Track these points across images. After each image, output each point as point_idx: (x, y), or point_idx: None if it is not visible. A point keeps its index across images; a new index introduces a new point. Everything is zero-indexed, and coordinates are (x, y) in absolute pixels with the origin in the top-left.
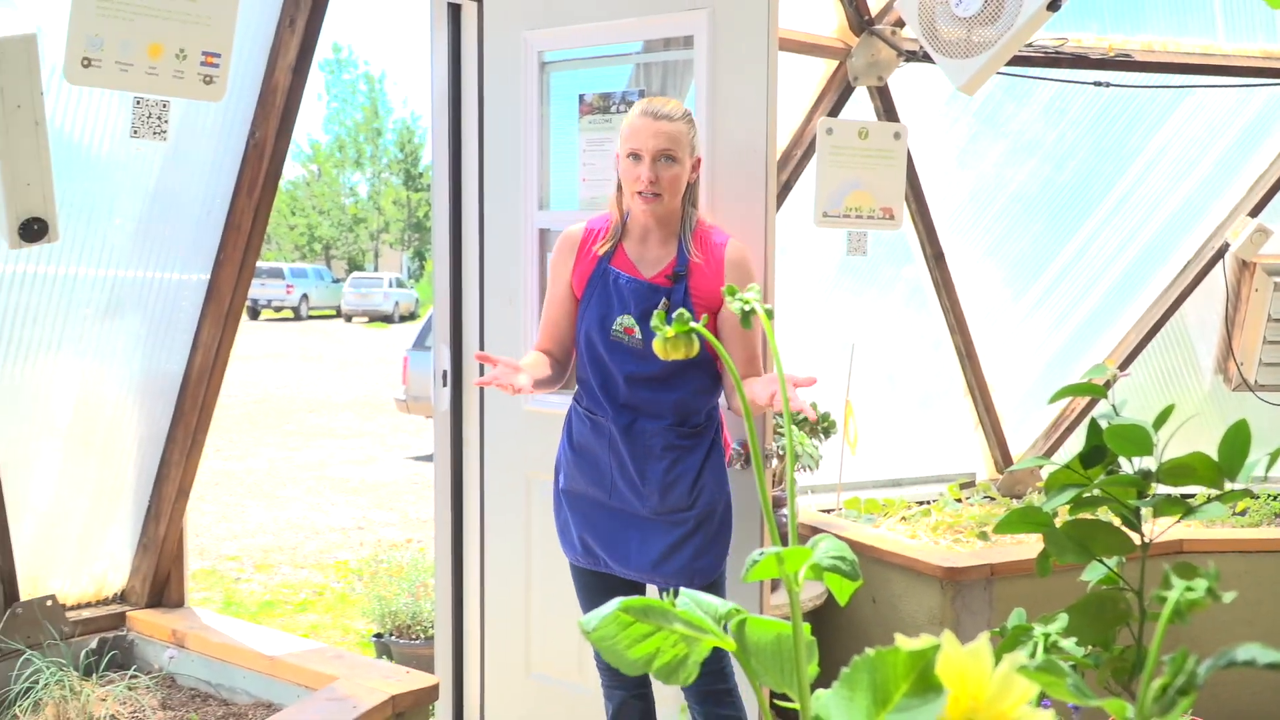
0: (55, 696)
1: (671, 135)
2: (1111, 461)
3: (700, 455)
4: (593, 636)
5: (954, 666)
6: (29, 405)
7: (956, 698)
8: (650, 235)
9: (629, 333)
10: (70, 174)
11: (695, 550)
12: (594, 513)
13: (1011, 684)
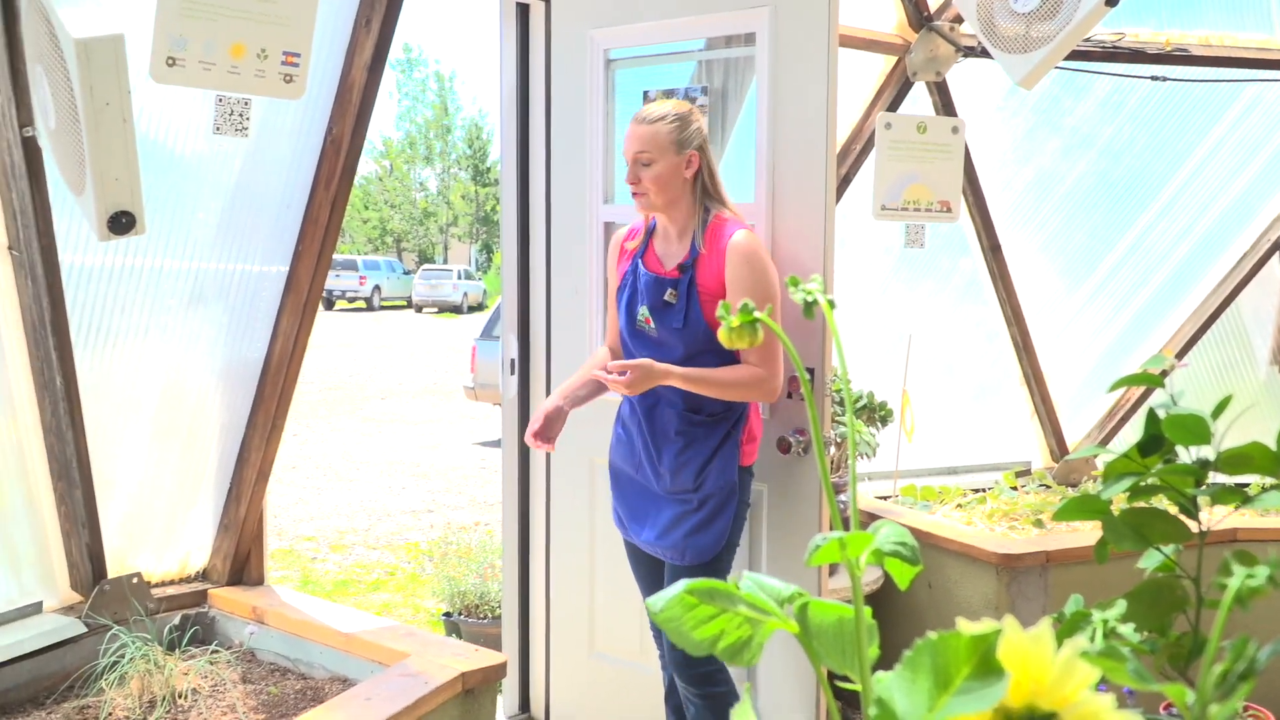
0: (140, 670)
1: (645, 137)
2: (1169, 451)
3: (714, 442)
4: (659, 618)
5: (1015, 651)
6: (118, 391)
7: (1018, 681)
8: (669, 232)
9: (647, 323)
10: (156, 170)
11: (692, 527)
12: (626, 486)
13: (1073, 669)
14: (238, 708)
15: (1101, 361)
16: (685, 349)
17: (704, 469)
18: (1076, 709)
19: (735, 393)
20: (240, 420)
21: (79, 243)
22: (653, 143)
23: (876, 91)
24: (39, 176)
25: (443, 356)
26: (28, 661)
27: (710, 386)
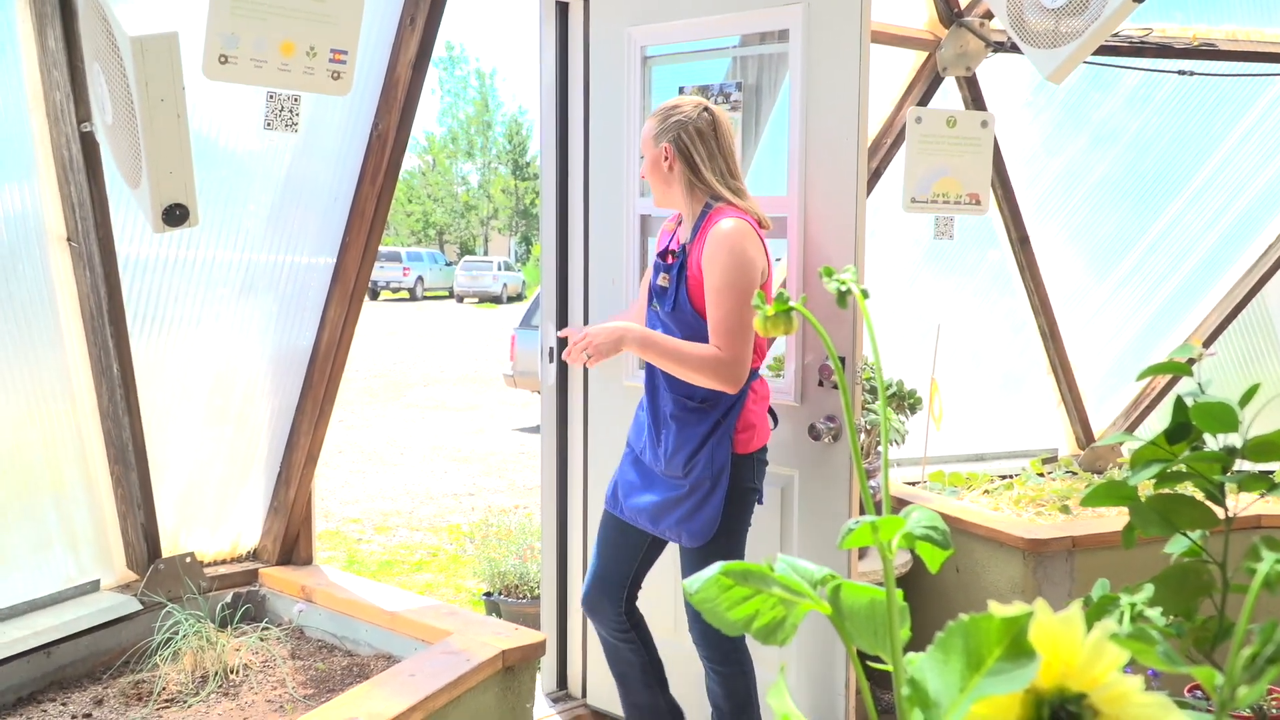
0: (193, 646)
1: (641, 135)
2: (1196, 438)
3: (704, 429)
4: (695, 598)
5: (1046, 633)
6: (172, 378)
7: (1048, 663)
8: (686, 221)
9: (655, 307)
10: (209, 164)
11: (685, 513)
12: (633, 464)
13: (1102, 651)
14: (287, 683)
15: (1127, 351)
16: (679, 332)
17: (693, 456)
18: (1106, 690)
19: (692, 370)
20: (289, 406)
21: (135, 234)
22: (643, 139)
23: (907, 86)
24: (96, 170)
25: (483, 345)
26: (85, 637)
27: (667, 357)
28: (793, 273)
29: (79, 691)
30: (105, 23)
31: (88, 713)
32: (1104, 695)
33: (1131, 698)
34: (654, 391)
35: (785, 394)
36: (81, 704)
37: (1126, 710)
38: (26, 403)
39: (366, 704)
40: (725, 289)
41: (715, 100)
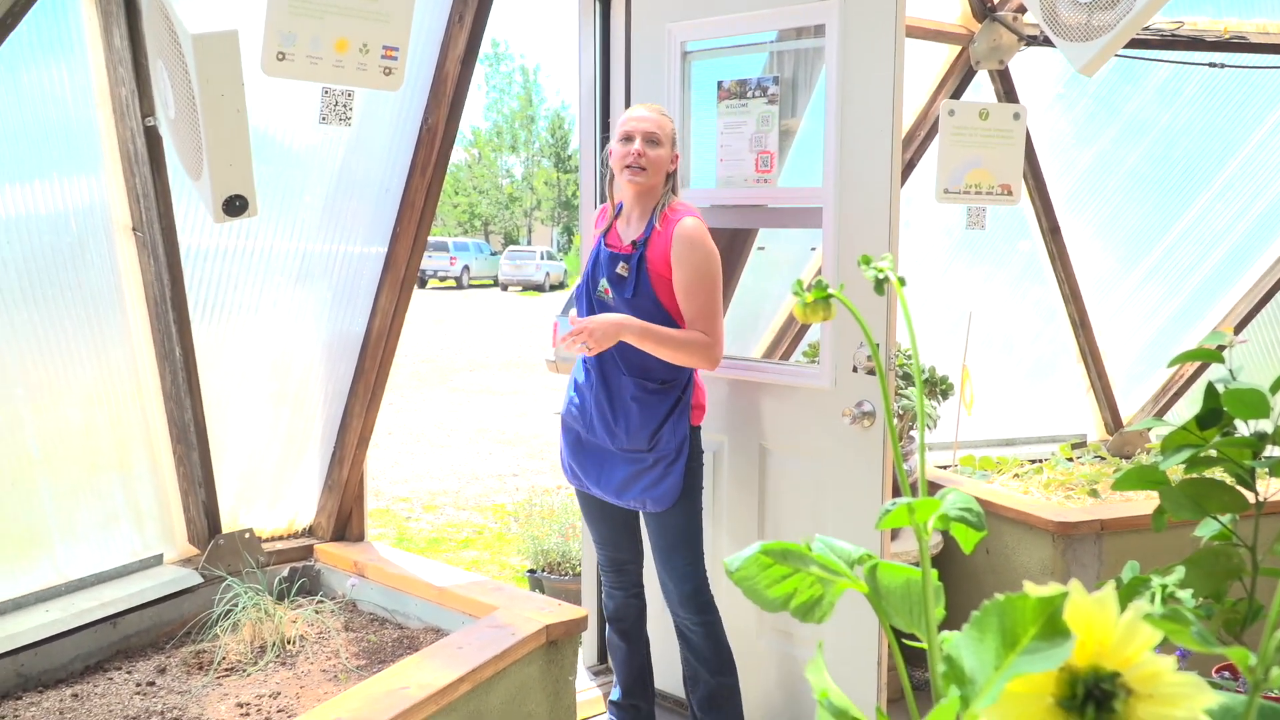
0: (252, 618)
1: (659, 123)
2: (1228, 424)
3: (666, 407)
4: (735, 576)
5: (1081, 613)
6: (232, 362)
7: (1082, 642)
8: (633, 212)
9: (605, 293)
10: (266, 157)
11: (650, 481)
12: (578, 443)
13: (1136, 631)
14: (340, 654)
15: (1155, 339)
16: (636, 314)
17: (658, 431)
18: (1139, 669)
19: (682, 353)
20: (343, 389)
21: (196, 225)
22: (662, 130)
23: (940, 79)
24: (160, 163)
25: (526, 332)
26: (149, 609)
27: (663, 344)
28: (828, 262)
29: (143, 660)
30: (168, 21)
31: (151, 681)
32: (1137, 674)
33: (1164, 677)
34: (606, 377)
35: (819, 379)
36: (146, 672)
37: (1159, 689)
38: (95, 385)
39: (417, 675)
40: (701, 280)
41: (752, 94)
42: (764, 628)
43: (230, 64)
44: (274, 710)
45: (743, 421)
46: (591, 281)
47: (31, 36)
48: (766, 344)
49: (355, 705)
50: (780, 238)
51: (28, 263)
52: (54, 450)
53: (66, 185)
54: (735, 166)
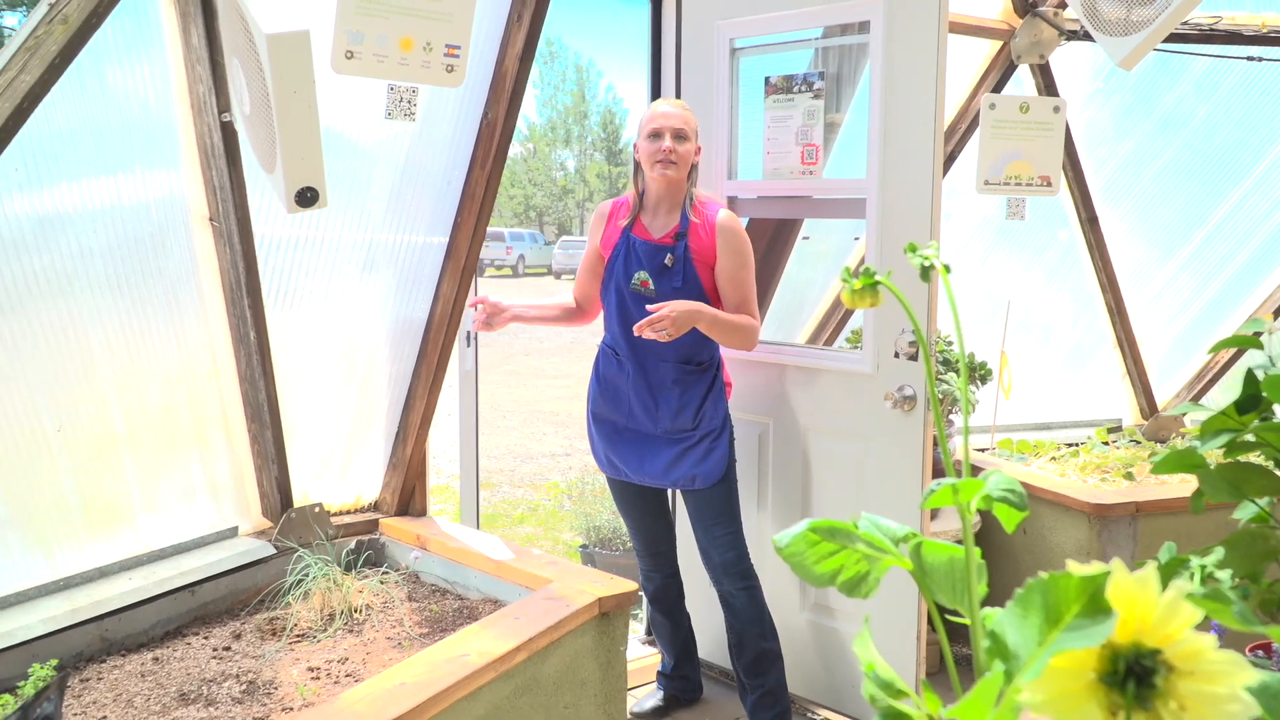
0: (321, 587)
1: (685, 118)
2: (1266, 409)
3: (704, 388)
4: (784, 553)
5: (1123, 591)
6: (302, 346)
7: (1124, 620)
8: (660, 206)
9: (644, 285)
10: (335, 151)
11: (697, 458)
12: (615, 433)
13: (1177, 609)
14: (404, 622)
15: (1190, 327)
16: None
17: (700, 409)
18: (1180, 646)
19: (738, 337)
20: (406, 372)
21: (270, 215)
22: (689, 125)
23: (982, 73)
24: (236, 156)
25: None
26: (226, 578)
27: (726, 329)
28: (871, 251)
29: (220, 626)
30: (244, 21)
31: (228, 646)
32: (1178, 652)
33: (1205, 654)
34: (643, 365)
35: (862, 364)
36: (222, 638)
37: (1201, 666)
38: (175, 366)
39: (476, 643)
40: (745, 267)
41: (799, 89)
42: (806, 602)
43: (302, 62)
44: (342, 674)
45: (787, 405)
46: (624, 275)
47: (115, 37)
48: (810, 330)
49: (419, 671)
50: (824, 228)
51: (112, 251)
52: (137, 428)
53: (148, 178)
54: (781, 159)
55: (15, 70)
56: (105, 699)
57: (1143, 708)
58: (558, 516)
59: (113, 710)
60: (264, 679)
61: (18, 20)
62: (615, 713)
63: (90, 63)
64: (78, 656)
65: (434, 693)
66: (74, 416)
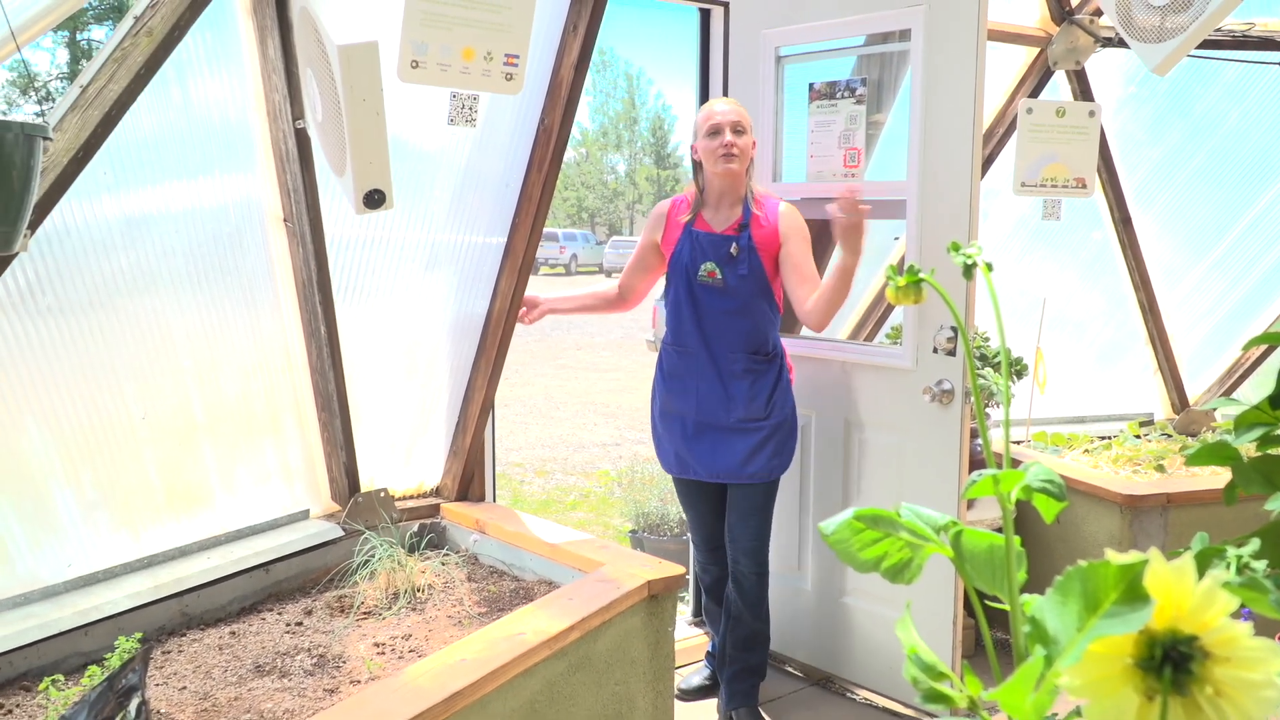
0: (386, 567)
1: (737, 113)
2: None
3: (773, 377)
4: (830, 540)
5: (1160, 579)
6: (369, 339)
7: (1161, 607)
8: (723, 201)
9: (711, 276)
10: (401, 156)
11: (771, 452)
12: (686, 429)
13: (1214, 597)
14: (464, 602)
15: (1221, 325)
16: (747, 292)
17: (771, 397)
18: (1216, 634)
19: (838, 299)
20: (466, 364)
21: (340, 217)
22: (744, 119)
23: (1019, 79)
24: (308, 161)
25: (628, 315)
26: (297, 558)
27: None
28: (911, 250)
29: (292, 603)
30: (317, 34)
31: (299, 621)
32: (1214, 639)
33: (1241, 641)
34: (716, 357)
35: (902, 359)
36: (294, 614)
37: (1236, 653)
38: (250, 359)
39: (532, 622)
40: (810, 248)
41: (842, 95)
42: (846, 587)
43: (371, 71)
44: (406, 650)
45: (830, 398)
46: (692, 266)
47: (196, 49)
48: (851, 327)
49: (478, 648)
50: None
51: (193, 250)
52: (215, 416)
53: (226, 181)
54: (825, 162)
55: (104, 80)
56: (185, 670)
57: (1179, 692)
58: (608, 503)
59: (192, 681)
60: (333, 653)
61: (105, 33)
62: (663, 690)
63: (173, 73)
64: (160, 630)
65: (492, 668)
66: (158, 405)
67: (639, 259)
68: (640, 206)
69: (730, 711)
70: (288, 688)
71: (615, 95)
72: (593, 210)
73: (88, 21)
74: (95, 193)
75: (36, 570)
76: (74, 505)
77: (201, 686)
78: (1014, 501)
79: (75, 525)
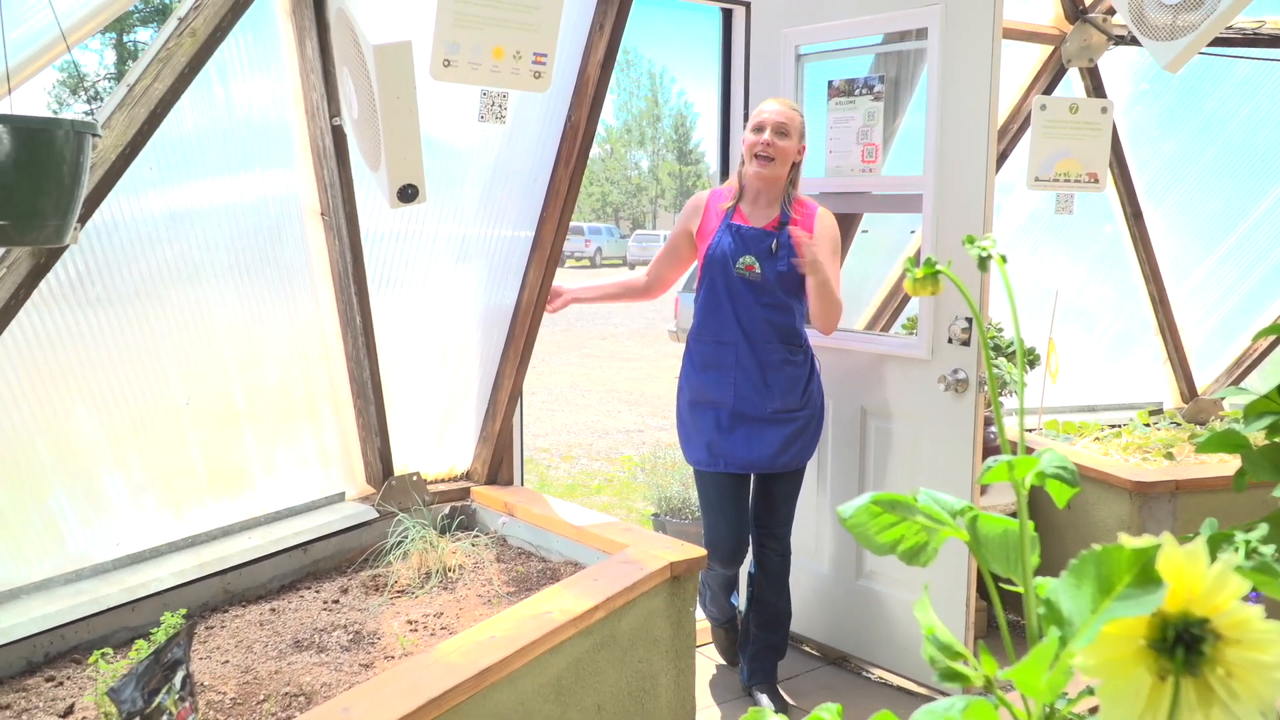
0: (419, 548)
1: (789, 115)
2: None
3: (807, 369)
4: (848, 523)
5: (1173, 563)
6: (402, 329)
7: (1174, 590)
8: (760, 198)
9: (749, 269)
10: (433, 152)
11: (810, 437)
12: (717, 424)
13: (1225, 581)
14: (493, 581)
15: (1229, 317)
16: (784, 288)
17: (807, 387)
18: (1228, 616)
19: (834, 311)
20: (495, 354)
21: (375, 210)
22: (792, 123)
23: (1034, 76)
24: (344, 156)
25: (651, 306)
26: (334, 539)
27: (829, 295)
28: (927, 243)
29: (329, 582)
30: (353, 34)
31: (336, 599)
32: (1226, 621)
33: (1252, 624)
34: (755, 349)
35: (917, 349)
36: (331, 592)
37: (1247, 635)
38: (289, 347)
39: (559, 601)
40: (835, 255)
41: (860, 92)
42: (861, 570)
43: (405, 70)
44: (437, 627)
45: (847, 387)
46: (731, 258)
47: (237, 49)
48: (868, 318)
49: (507, 626)
50: (882, 221)
51: (234, 243)
52: (256, 403)
53: (266, 177)
54: (843, 158)
55: (149, 79)
56: (228, 645)
57: (1191, 673)
58: (631, 487)
59: (234, 655)
60: (368, 629)
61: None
62: (684, 667)
63: (215, 72)
64: (204, 606)
65: (520, 645)
66: (201, 391)
67: (671, 248)
68: (663, 201)
69: (750, 686)
70: (325, 662)
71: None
72: (617, 205)
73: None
74: (141, 188)
75: (87, 549)
76: (122, 487)
77: (243, 660)
78: (1028, 487)
79: (123, 506)
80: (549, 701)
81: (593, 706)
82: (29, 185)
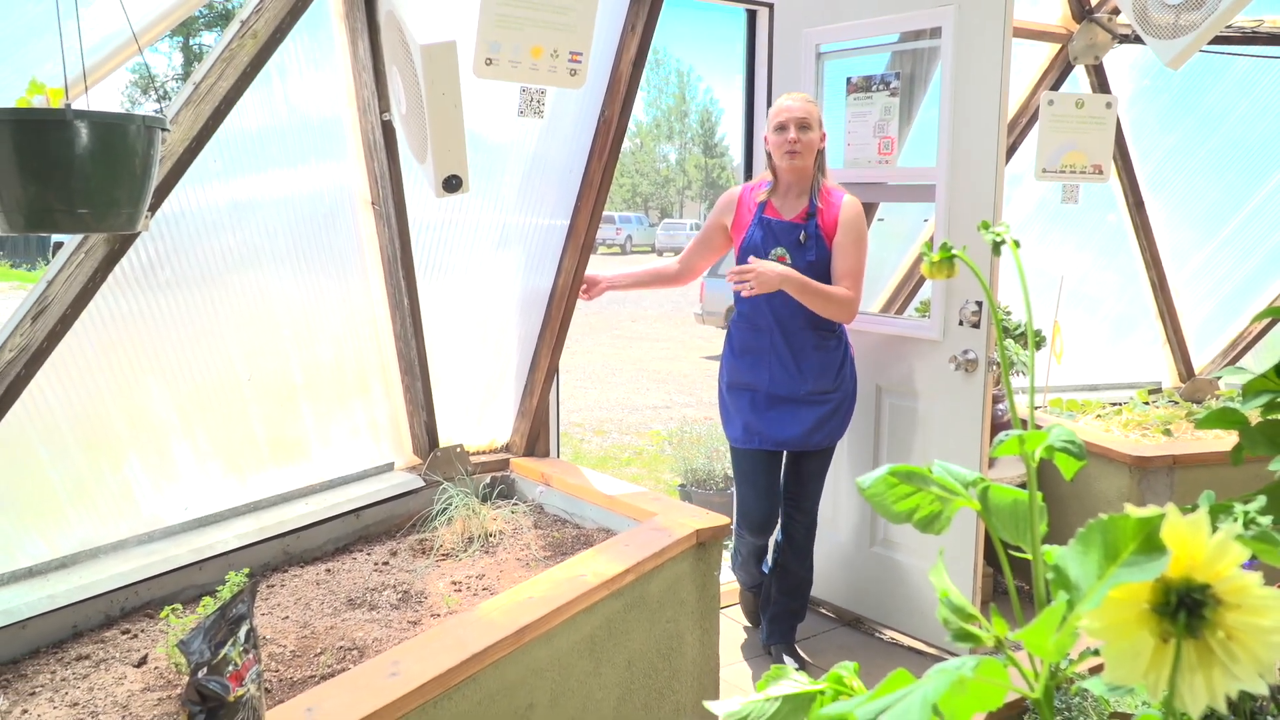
0: (462, 515)
1: (808, 109)
2: None
3: (840, 353)
4: (867, 493)
5: (1176, 532)
6: (446, 311)
7: (1176, 558)
8: (791, 191)
9: (781, 260)
10: (476, 145)
11: (837, 423)
12: (752, 404)
13: (1225, 549)
14: (531, 546)
15: (1226, 301)
16: (814, 277)
17: (839, 371)
18: (1228, 582)
19: (831, 306)
20: (533, 334)
21: (421, 200)
22: (811, 115)
23: (1042, 73)
24: (393, 149)
25: (678, 290)
26: (383, 505)
27: (816, 296)
28: (939, 231)
29: (379, 545)
30: (401, 35)
31: (386, 561)
32: (1226, 587)
33: (1251, 590)
34: (788, 334)
35: (930, 331)
36: (381, 555)
37: (1246, 600)
38: (342, 327)
39: (592, 565)
40: (857, 243)
41: (877, 88)
42: (875, 538)
43: (450, 68)
44: (479, 588)
45: (863, 366)
46: (763, 250)
47: (295, 50)
48: (883, 302)
49: (544, 588)
50: (897, 211)
51: (291, 230)
52: (312, 378)
53: (320, 169)
54: (861, 150)
55: (213, 78)
56: (287, 602)
57: (1192, 636)
58: (659, 460)
59: (293, 612)
60: (416, 589)
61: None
62: (709, 627)
63: (275, 71)
64: (265, 566)
65: (556, 605)
66: (261, 368)
67: (705, 239)
68: (689, 192)
69: (770, 645)
70: (376, 619)
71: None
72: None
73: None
74: (206, 179)
75: (158, 512)
76: (190, 456)
77: (301, 616)
78: (1038, 460)
79: (191, 473)
80: (583, 657)
81: (623, 662)
82: (105, 176)
